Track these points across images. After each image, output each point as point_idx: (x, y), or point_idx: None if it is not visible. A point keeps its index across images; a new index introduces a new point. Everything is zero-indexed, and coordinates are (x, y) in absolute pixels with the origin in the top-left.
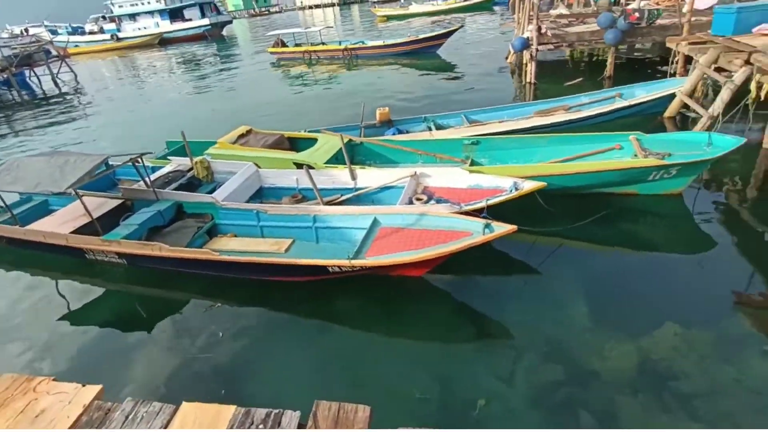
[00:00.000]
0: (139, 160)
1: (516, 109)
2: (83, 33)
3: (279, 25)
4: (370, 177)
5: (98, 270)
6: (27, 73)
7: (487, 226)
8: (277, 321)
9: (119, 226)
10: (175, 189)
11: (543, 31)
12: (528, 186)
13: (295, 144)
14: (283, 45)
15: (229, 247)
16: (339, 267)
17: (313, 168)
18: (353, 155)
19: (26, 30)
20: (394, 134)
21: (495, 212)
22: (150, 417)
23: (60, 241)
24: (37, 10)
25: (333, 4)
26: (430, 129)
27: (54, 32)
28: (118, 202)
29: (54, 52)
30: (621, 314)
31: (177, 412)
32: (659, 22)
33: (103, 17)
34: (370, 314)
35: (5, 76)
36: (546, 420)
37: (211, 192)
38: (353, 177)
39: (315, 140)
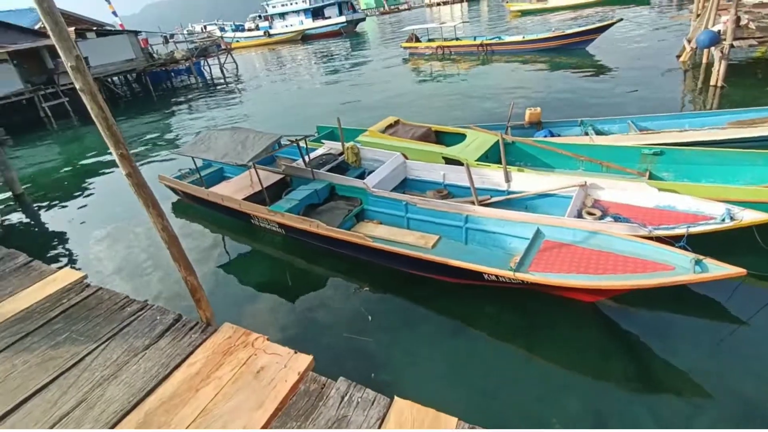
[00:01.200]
0: (303, 142)
1: (702, 117)
2: (243, 30)
3: (407, 21)
4: (527, 181)
5: (260, 235)
6: (202, 62)
7: (698, 262)
8: (418, 315)
9: (282, 199)
10: (328, 171)
11: (743, 22)
12: (750, 217)
13: (442, 138)
14: (417, 40)
15: (376, 233)
16: (498, 276)
17: (462, 164)
18: (500, 154)
19: (205, 27)
20: (546, 136)
21: (689, 242)
22: (365, 405)
23: (234, 205)
24: (211, 10)
25: (461, 0)
26: (586, 134)
27: (222, 29)
28: (279, 177)
29: (222, 46)
30: None
31: (391, 406)
32: None
33: (260, 16)
34: (516, 327)
35: (188, 64)
36: None
37: (359, 177)
38: (508, 179)
39: (463, 135)
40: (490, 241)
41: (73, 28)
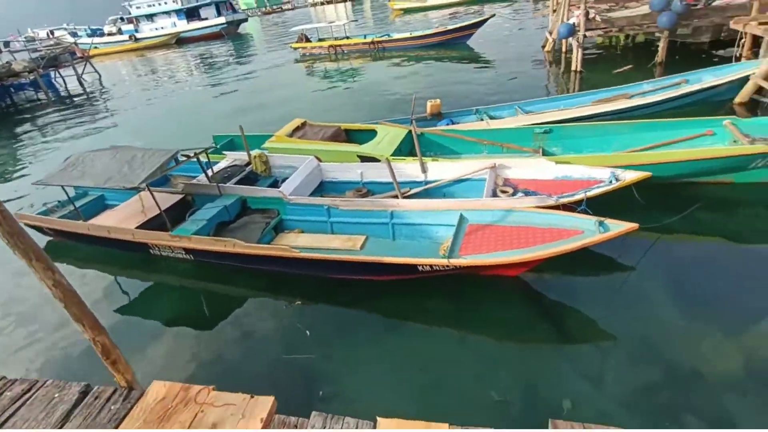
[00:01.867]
0: (203, 155)
1: (572, 99)
2: (102, 34)
3: (292, 21)
4: (441, 169)
5: (162, 265)
6: (52, 74)
7: (600, 224)
8: (353, 319)
9: (186, 221)
10: (236, 184)
11: (591, 16)
12: (631, 176)
13: (352, 136)
14: (307, 40)
15: (299, 243)
16: (431, 266)
17: (378, 161)
18: (412, 147)
19: (51, 32)
20: (448, 125)
21: (588, 205)
22: None
23: (126, 236)
24: (55, 13)
25: (344, 0)
26: (482, 120)
27: (74, 34)
28: (178, 197)
29: (78, 54)
30: (719, 312)
31: (377, 428)
32: (716, 3)
33: (121, 18)
34: (447, 313)
35: (32, 77)
36: (642, 422)
37: (272, 186)
38: (424, 170)
39: (374, 131)
40: (417, 233)
41: None
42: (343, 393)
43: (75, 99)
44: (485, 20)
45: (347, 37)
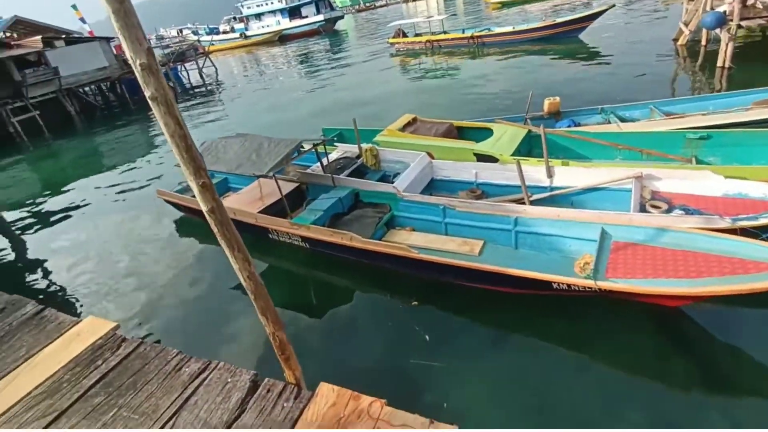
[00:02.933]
0: (321, 146)
1: (725, 98)
2: (218, 33)
3: (385, 18)
4: (571, 175)
5: (277, 250)
6: (179, 67)
7: None
8: (466, 327)
9: (303, 210)
10: (348, 176)
11: (750, 2)
12: None
13: (465, 134)
14: (404, 35)
15: (412, 242)
16: (569, 286)
17: (496, 160)
18: (530, 148)
19: (180, 31)
20: (570, 126)
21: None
22: None
23: (249, 219)
24: (180, 14)
25: None
26: (608, 122)
27: (195, 33)
28: (294, 185)
29: (200, 50)
30: None
31: None
32: None
33: (234, 18)
34: (567, 333)
35: (164, 70)
36: None
37: (381, 181)
38: (550, 174)
39: (489, 130)
40: (545, 244)
41: (39, 37)
42: (453, 406)
43: (197, 90)
44: (603, 11)
45: (444, 32)
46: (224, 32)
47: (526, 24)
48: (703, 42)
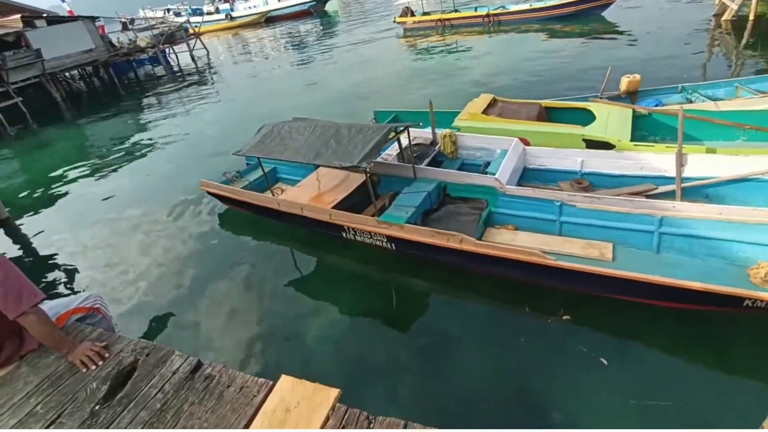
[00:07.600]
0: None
1: None
2: (201, 14)
3: None
4: (707, 163)
5: (352, 251)
6: (167, 50)
7: None
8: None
9: (391, 207)
10: (428, 166)
11: None
12: None
13: (554, 116)
14: (411, 14)
15: (519, 242)
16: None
17: (611, 146)
18: (634, 130)
19: (168, 11)
20: (657, 105)
21: None
22: None
23: (322, 216)
24: None
25: None
26: (690, 101)
27: (178, 14)
28: (362, 178)
29: (191, 31)
30: None
31: None
32: None
33: None
34: (703, 350)
35: (153, 53)
36: None
37: (461, 170)
38: (683, 162)
39: (585, 111)
40: (702, 249)
41: (18, 15)
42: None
43: (187, 74)
44: None
45: (455, 10)
46: (208, 13)
47: (544, 1)
48: (751, 16)
